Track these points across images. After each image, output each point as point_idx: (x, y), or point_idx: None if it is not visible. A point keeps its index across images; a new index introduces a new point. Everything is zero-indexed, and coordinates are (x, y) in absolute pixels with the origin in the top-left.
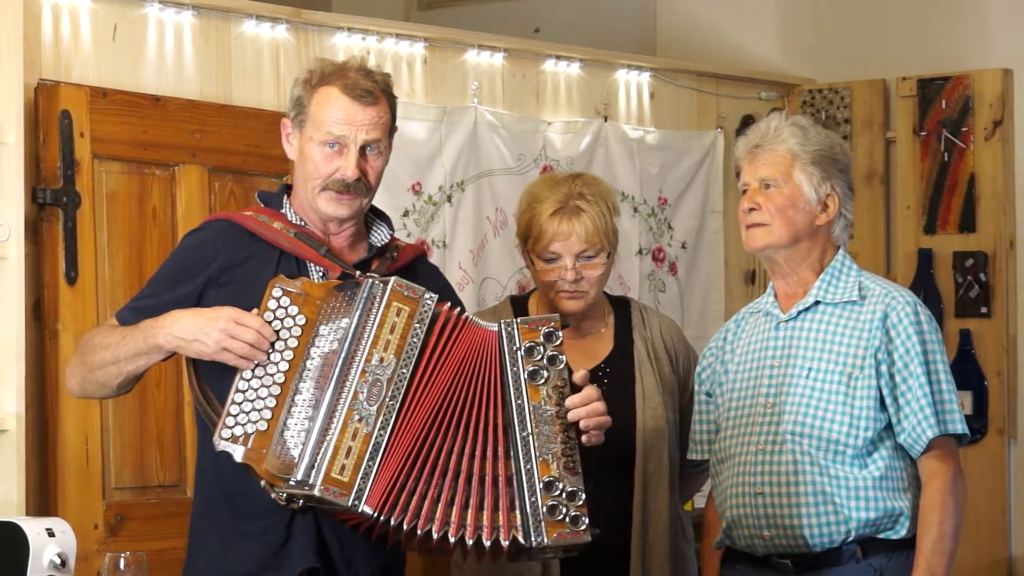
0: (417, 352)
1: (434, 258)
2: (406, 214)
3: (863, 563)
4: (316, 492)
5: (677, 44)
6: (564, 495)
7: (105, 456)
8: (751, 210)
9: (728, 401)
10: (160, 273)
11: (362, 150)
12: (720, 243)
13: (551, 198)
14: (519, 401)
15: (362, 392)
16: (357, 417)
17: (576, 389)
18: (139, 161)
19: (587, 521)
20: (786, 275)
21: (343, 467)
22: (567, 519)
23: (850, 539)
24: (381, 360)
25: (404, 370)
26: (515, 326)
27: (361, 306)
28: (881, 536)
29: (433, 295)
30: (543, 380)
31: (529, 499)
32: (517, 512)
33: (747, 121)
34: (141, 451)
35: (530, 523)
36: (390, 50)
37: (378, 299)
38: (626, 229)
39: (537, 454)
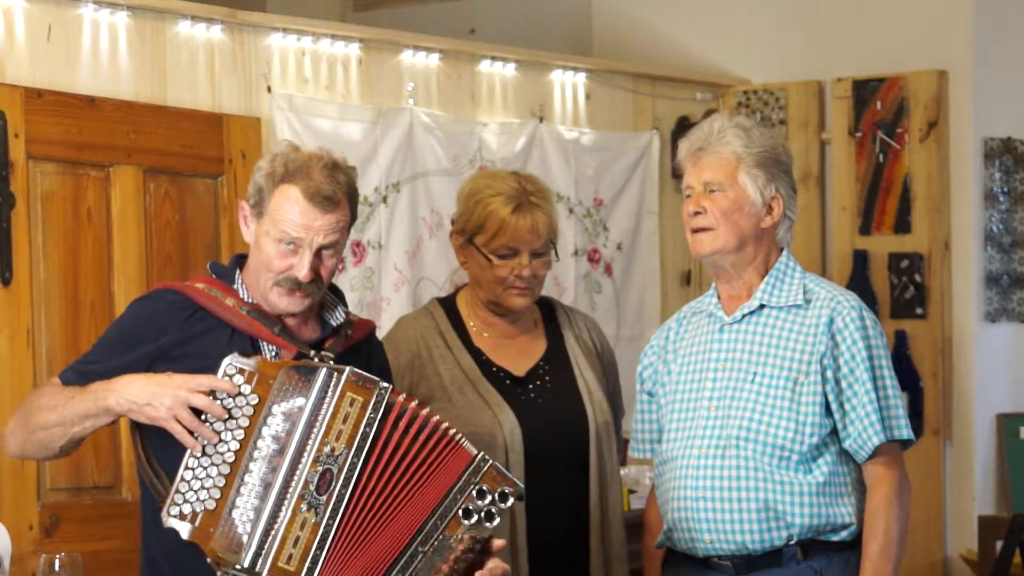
0: (369, 443)
1: (369, 259)
2: None
3: (803, 564)
4: None
5: (612, 45)
6: None
7: None
8: (696, 214)
9: (671, 403)
10: (107, 338)
11: (318, 251)
12: (656, 244)
13: (504, 193)
14: (438, 522)
15: (312, 482)
16: (306, 507)
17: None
18: (74, 162)
19: None
20: (731, 279)
21: (290, 556)
22: None
23: (792, 542)
24: (332, 450)
25: (355, 460)
26: (489, 465)
27: (315, 394)
28: (823, 538)
29: (387, 385)
30: (469, 523)
31: None
32: None
33: (683, 122)
34: (76, 452)
35: None
36: (325, 51)
37: (332, 388)
38: (562, 230)
39: (413, 572)
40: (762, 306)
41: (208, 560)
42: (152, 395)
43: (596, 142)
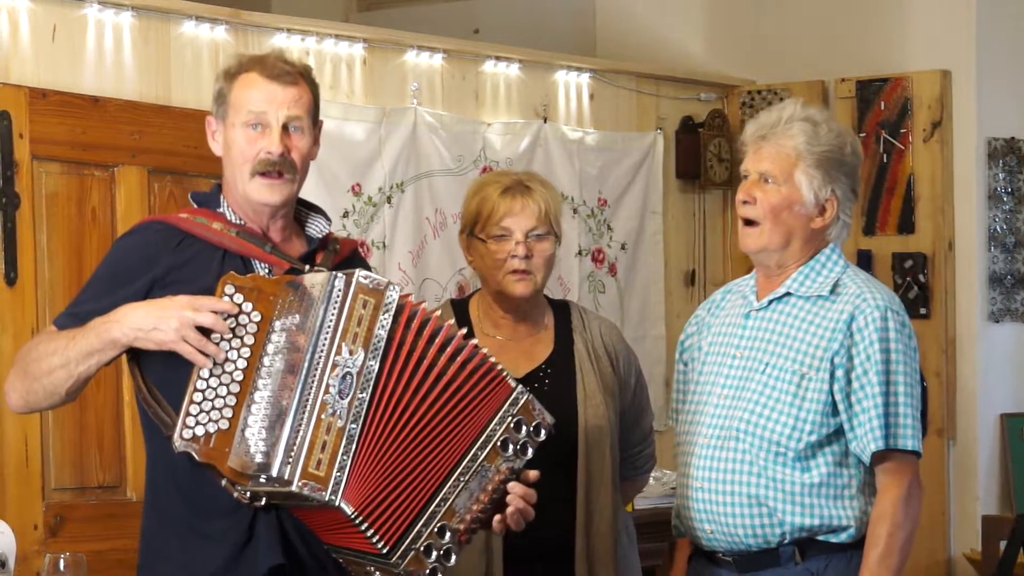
0: (383, 344)
1: (373, 259)
2: (346, 215)
3: (801, 567)
4: (294, 488)
5: (616, 45)
6: (444, 549)
7: (45, 457)
8: (745, 202)
9: (694, 383)
10: (98, 276)
11: (285, 128)
12: (660, 244)
13: (500, 182)
14: (478, 452)
15: (333, 386)
16: (330, 411)
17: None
18: (78, 162)
19: None
20: (772, 273)
21: (319, 461)
22: (429, 567)
23: (785, 541)
24: (350, 352)
25: (372, 363)
26: (527, 398)
27: (327, 299)
28: (821, 538)
29: (396, 285)
30: (507, 453)
31: (420, 526)
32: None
33: (687, 122)
34: (81, 452)
35: (405, 544)
36: (329, 51)
37: (343, 291)
38: (565, 230)
39: (453, 500)
40: (788, 294)
41: (223, 482)
42: (157, 319)
43: (600, 142)
